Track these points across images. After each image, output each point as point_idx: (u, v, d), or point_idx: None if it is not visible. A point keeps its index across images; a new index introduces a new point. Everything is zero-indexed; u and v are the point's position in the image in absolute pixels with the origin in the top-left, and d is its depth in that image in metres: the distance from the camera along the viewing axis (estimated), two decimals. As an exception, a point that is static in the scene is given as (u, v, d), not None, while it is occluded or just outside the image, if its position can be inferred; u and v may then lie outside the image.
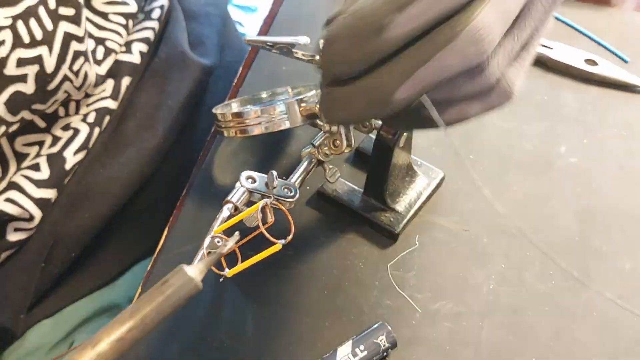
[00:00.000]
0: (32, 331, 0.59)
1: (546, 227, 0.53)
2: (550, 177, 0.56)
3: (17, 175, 0.53)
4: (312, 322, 0.48)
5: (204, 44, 0.68)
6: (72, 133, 0.55)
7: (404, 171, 0.53)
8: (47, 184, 0.53)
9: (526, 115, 0.60)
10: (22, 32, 0.48)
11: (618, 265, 0.50)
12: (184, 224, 0.54)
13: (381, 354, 0.45)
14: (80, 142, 0.55)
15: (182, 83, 0.63)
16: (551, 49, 0.64)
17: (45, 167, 0.53)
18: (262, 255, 0.39)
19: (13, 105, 0.49)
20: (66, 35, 0.51)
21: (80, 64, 0.53)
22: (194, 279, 0.31)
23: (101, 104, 0.57)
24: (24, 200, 0.52)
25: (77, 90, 0.54)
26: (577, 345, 0.46)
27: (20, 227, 0.53)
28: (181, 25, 0.66)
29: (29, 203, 0.52)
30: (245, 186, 0.45)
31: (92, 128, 0.56)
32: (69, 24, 0.51)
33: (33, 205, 0.53)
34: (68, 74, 0.52)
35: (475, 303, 0.49)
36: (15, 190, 0.52)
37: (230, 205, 0.44)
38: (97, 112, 0.57)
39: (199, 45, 0.68)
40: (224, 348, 0.47)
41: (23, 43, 0.48)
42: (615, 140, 0.58)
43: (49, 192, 0.53)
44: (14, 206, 0.52)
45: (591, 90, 0.62)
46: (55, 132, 0.55)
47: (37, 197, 0.53)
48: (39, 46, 0.49)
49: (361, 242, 0.52)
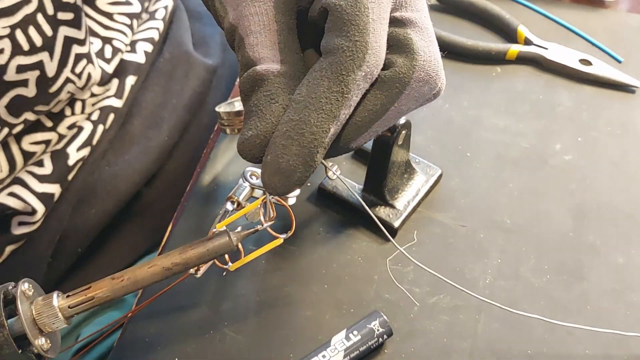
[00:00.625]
0: None
1: (541, 223, 0.54)
2: (545, 174, 0.57)
3: (22, 172, 0.54)
4: (312, 315, 0.49)
5: (207, 44, 0.69)
6: (76, 131, 0.56)
7: (403, 168, 0.54)
8: (50, 179, 0.54)
9: (522, 114, 0.61)
10: (21, 41, 0.48)
11: (611, 260, 0.51)
12: (187, 220, 0.55)
13: (376, 339, 0.46)
14: (83, 139, 0.56)
15: (186, 82, 0.64)
16: (546, 49, 0.65)
17: (48, 162, 0.54)
18: (264, 249, 0.40)
19: (15, 108, 0.50)
20: (67, 39, 0.52)
21: (83, 66, 0.54)
22: (232, 242, 0.38)
23: (106, 102, 0.58)
24: (27, 195, 0.53)
25: (80, 90, 0.55)
26: (571, 338, 0.47)
27: (24, 221, 0.54)
28: (185, 26, 0.67)
29: (31, 197, 0.53)
30: (248, 182, 0.46)
31: (95, 125, 0.57)
32: (69, 28, 0.52)
33: (36, 199, 0.54)
34: (70, 76, 0.53)
35: (472, 297, 0.50)
36: (19, 185, 0.53)
37: (233, 201, 0.45)
38: (102, 110, 0.58)
39: (203, 45, 0.69)
40: (226, 340, 0.48)
41: (22, 50, 0.49)
42: (609, 139, 0.59)
43: (52, 187, 0.54)
44: (17, 200, 0.53)
45: (585, 90, 0.63)
46: (60, 130, 0.56)
47: (40, 191, 0.54)
48: (39, 52, 0.50)
49: (360, 238, 0.53)
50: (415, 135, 0.53)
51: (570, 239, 0.53)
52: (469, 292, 0.42)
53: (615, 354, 0.47)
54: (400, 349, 0.47)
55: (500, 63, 0.65)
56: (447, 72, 0.64)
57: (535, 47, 0.65)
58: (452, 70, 0.65)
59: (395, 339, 0.47)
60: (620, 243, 0.52)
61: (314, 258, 0.52)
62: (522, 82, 0.64)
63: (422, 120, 0.60)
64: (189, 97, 0.64)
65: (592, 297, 0.49)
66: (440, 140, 0.59)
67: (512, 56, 0.65)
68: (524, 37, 0.66)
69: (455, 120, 0.61)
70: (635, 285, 0.50)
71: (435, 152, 0.58)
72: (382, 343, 0.47)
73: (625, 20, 0.69)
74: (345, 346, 0.45)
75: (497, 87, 0.63)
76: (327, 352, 0.45)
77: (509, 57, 0.65)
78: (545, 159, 0.58)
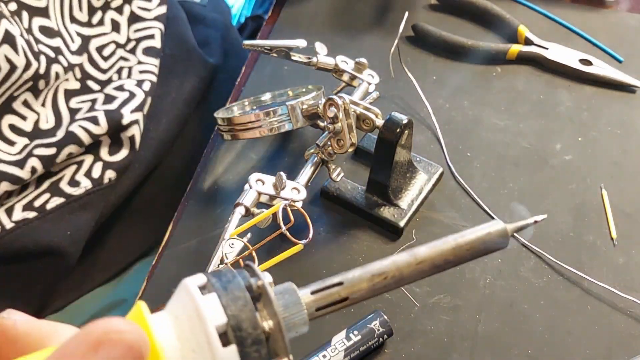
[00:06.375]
0: None
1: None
2: (546, 174, 0.57)
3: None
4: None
5: (209, 45, 0.69)
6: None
7: (405, 167, 0.54)
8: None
9: (522, 114, 0.61)
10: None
11: (612, 259, 0.51)
12: (188, 219, 0.55)
13: (376, 339, 0.46)
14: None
15: (186, 77, 0.64)
16: (547, 49, 0.65)
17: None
18: (283, 256, 0.40)
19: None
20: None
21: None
22: (507, 235, 0.31)
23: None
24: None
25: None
26: (571, 337, 0.48)
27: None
28: (185, 23, 0.67)
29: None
30: (255, 189, 0.46)
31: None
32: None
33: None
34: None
35: (472, 297, 0.50)
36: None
37: (241, 208, 0.45)
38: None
39: (205, 45, 0.69)
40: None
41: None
42: (609, 138, 0.59)
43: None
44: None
45: (586, 90, 0.63)
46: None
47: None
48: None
49: (361, 238, 0.53)
50: (416, 135, 0.53)
51: (570, 238, 0.53)
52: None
53: (615, 353, 0.47)
54: (401, 348, 0.47)
55: (501, 63, 0.65)
56: (447, 72, 0.65)
57: (535, 47, 0.65)
58: (452, 70, 0.65)
59: (396, 339, 0.47)
60: (620, 243, 0.52)
61: (315, 258, 0.52)
62: (522, 82, 0.64)
63: (422, 120, 0.60)
64: (189, 92, 0.64)
65: (592, 297, 0.50)
66: (440, 140, 0.59)
67: (513, 56, 0.65)
68: (524, 37, 0.66)
69: (455, 120, 0.61)
70: (636, 285, 0.50)
71: (435, 152, 0.58)
72: (383, 343, 0.47)
73: (625, 20, 0.69)
74: (345, 346, 0.45)
75: (497, 87, 0.63)
76: (328, 351, 0.45)
77: (509, 57, 0.65)
78: (545, 159, 0.58)
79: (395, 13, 0.69)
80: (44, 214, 0.54)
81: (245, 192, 0.46)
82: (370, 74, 0.58)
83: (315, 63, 0.56)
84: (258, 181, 0.46)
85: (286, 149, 0.60)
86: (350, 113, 0.49)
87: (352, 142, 0.49)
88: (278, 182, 0.46)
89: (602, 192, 0.55)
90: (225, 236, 0.42)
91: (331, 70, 0.58)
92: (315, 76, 0.60)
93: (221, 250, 0.42)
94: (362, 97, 0.56)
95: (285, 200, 0.44)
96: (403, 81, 0.62)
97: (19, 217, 0.53)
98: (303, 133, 0.60)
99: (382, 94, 0.58)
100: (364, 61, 0.57)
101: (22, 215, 0.53)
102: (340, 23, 0.70)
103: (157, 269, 0.53)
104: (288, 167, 0.57)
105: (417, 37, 0.67)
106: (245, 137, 0.52)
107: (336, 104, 0.48)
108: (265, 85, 0.63)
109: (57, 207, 0.54)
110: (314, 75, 0.60)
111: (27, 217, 0.53)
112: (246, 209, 0.45)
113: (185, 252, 0.54)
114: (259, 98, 0.60)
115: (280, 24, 0.70)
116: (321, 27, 0.69)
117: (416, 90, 0.61)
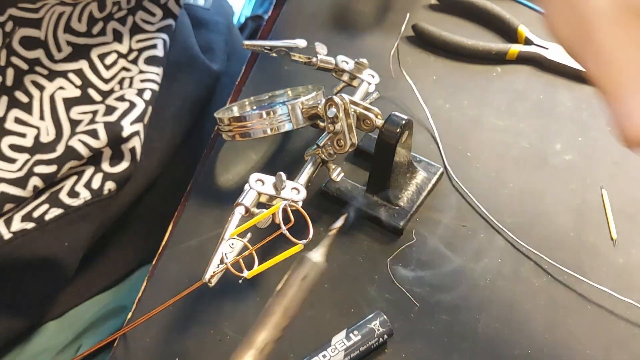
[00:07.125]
0: (38, 333, 0.59)
1: (541, 223, 0.54)
2: (546, 174, 0.57)
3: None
4: (312, 315, 0.49)
5: (213, 50, 0.69)
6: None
7: (405, 167, 0.54)
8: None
9: (522, 114, 0.61)
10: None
11: (611, 260, 0.51)
12: (188, 219, 0.55)
13: (376, 339, 0.46)
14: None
15: (189, 85, 0.64)
16: (547, 49, 0.65)
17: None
18: (283, 256, 0.40)
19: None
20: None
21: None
22: (321, 263, 0.36)
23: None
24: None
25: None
26: (572, 337, 0.48)
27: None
28: (189, 30, 0.66)
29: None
30: (255, 189, 0.46)
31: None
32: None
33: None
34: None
35: (472, 297, 0.50)
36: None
37: (241, 208, 0.45)
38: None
39: (208, 50, 0.68)
40: (227, 340, 0.48)
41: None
42: (609, 138, 0.59)
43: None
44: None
45: (586, 89, 0.63)
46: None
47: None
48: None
49: (361, 238, 0.53)
50: (416, 135, 0.53)
51: (570, 239, 0.53)
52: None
53: (615, 353, 0.47)
54: (401, 349, 0.47)
55: (501, 63, 0.65)
56: (447, 72, 0.65)
57: (535, 47, 0.65)
58: (452, 70, 0.65)
59: (396, 339, 0.47)
60: (621, 243, 0.52)
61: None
62: (522, 82, 0.64)
63: (422, 120, 0.60)
64: (193, 100, 0.64)
65: (592, 297, 0.49)
66: (440, 140, 0.59)
67: (513, 56, 0.65)
68: (524, 36, 0.66)
69: (455, 120, 0.61)
70: (636, 286, 0.50)
71: (435, 152, 0.58)
72: (383, 343, 0.47)
73: (625, 20, 0.69)
74: (345, 346, 0.45)
75: (497, 87, 0.63)
76: (328, 351, 0.45)
77: (509, 57, 0.65)
78: (545, 158, 0.58)
79: (395, 13, 0.69)
80: (43, 224, 0.54)
81: (245, 192, 0.46)
82: (371, 74, 0.58)
83: (315, 63, 0.56)
84: (258, 181, 0.46)
85: (286, 149, 0.60)
86: (350, 113, 0.49)
87: (352, 142, 0.49)
88: (278, 182, 0.46)
89: (602, 192, 0.55)
90: (225, 236, 0.42)
91: (331, 70, 0.58)
92: (315, 76, 0.60)
93: (221, 250, 0.42)
94: (362, 97, 0.56)
95: (285, 200, 0.44)
96: (403, 81, 0.62)
97: (17, 228, 0.53)
98: (303, 133, 0.60)
99: (382, 94, 0.58)
100: (364, 61, 0.57)
101: (21, 226, 0.53)
102: (340, 23, 0.70)
103: (157, 269, 0.53)
104: (288, 167, 0.57)
105: (417, 37, 0.67)
106: (245, 137, 0.52)
107: (336, 104, 0.48)
108: (265, 85, 0.63)
109: (56, 217, 0.54)
110: (314, 75, 0.60)
111: (25, 228, 0.53)
112: (246, 209, 0.45)
113: (185, 252, 0.54)
114: (259, 98, 0.60)
115: (280, 24, 0.70)
116: (321, 27, 0.69)
117: (416, 90, 0.61)
